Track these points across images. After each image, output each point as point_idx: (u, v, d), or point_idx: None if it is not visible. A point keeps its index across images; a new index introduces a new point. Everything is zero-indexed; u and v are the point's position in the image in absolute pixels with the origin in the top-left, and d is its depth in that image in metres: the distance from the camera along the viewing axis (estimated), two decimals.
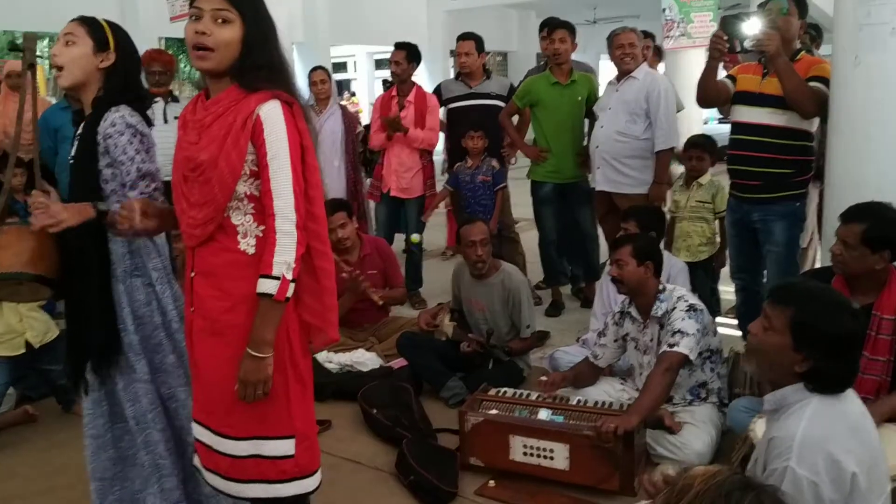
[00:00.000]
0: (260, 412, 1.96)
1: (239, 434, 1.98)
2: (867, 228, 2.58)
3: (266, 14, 1.96)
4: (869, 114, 3.03)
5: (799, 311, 1.83)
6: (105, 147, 2.22)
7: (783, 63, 3.35)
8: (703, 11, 9.79)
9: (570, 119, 4.97)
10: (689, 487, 1.15)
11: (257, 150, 1.87)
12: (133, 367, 2.36)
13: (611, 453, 2.82)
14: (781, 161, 3.53)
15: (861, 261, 2.62)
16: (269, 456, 1.98)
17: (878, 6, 2.91)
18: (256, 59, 1.90)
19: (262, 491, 2.00)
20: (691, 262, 4.31)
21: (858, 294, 2.60)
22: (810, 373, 1.81)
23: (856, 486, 1.74)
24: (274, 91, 1.89)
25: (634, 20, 18.86)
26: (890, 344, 2.58)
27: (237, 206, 1.91)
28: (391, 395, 3.57)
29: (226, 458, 2.00)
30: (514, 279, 3.92)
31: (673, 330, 3.06)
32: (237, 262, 1.92)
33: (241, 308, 1.91)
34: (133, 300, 2.34)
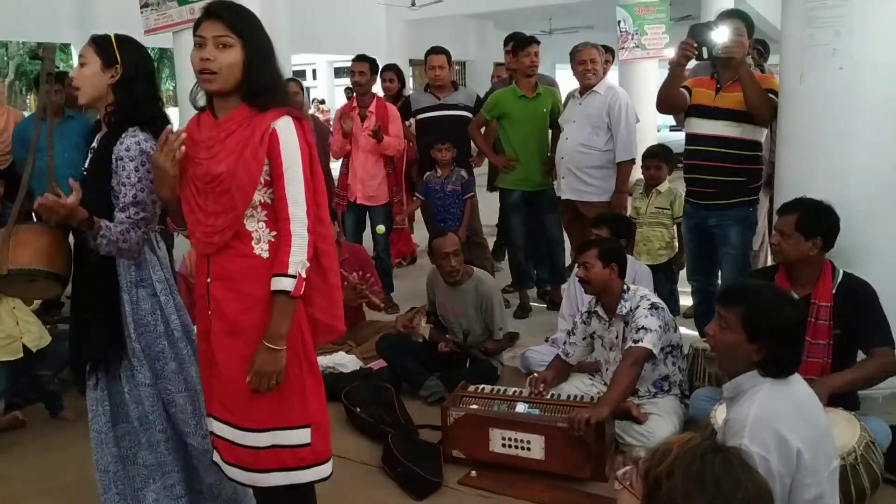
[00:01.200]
0: (278, 404, 2.11)
1: (260, 426, 2.12)
2: (799, 217, 2.88)
3: (264, 36, 2.13)
4: (813, 126, 3.30)
5: (747, 309, 2.08)
6: (116, 167, 2.35)
7: (746, 71, 3.62)
8: (657, 24, 10.15)
9: (537, 130, 5.21)
10: (668, 452, 1.35)
11: (272, 161, 2.05)
12: (135, 374, 2.48)
13: (583, 443, 3.03)
14: (735, 170, 3.80)
15: (797, 247, 2.90)
16: (288, 445, 2.13)
17: (821, 29, 3.19)
18: (258, 78, 2.08)
19: (283, 479, 2.14)
20: (651, 264, 4.57)
21: (798, 286, 2.89)
22: (765, 360, 2.05)
23: (801, 461, 1.97)
24: (286, 109, 2.08)
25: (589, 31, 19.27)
26: (828, 328, 2.87)
27: (251, 214, 2.07)
28: (373, 394, 3.73)
29: (248, 451, 2.14)
30: (486, 285, 4.13)
31: (637, 327, 3.29)
32: (253, 266, 2.08)
33: (258, 309, 2.07)
34: (137, 310, 2.46)
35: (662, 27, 10.09)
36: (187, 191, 2.15)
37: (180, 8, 4.70)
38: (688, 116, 3.96)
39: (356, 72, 5.52)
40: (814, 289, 2.90)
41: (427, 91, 5.74)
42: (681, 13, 14.62)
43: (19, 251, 2.36)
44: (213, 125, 2.12)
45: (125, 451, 2.62)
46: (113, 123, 2.40)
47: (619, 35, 10.11)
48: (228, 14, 2.08)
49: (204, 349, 2.24)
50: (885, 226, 3.20)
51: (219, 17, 2.06)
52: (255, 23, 2.13)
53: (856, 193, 3.14)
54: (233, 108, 2.10)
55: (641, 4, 10.10)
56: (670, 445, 1.37)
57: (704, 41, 3.60)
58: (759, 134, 3.83)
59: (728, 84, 3.75)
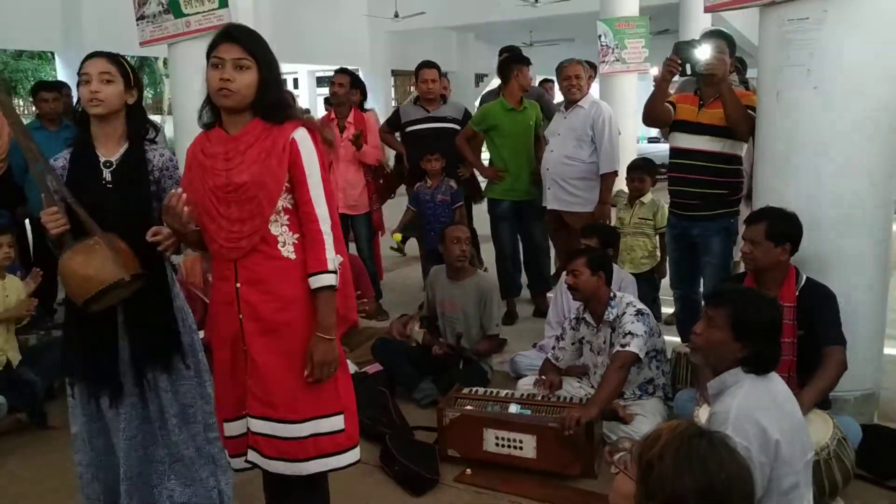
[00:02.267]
0: (317, 394, 2.26)
1: (300, 417, 2.25)
2: (768, 226, 3.08)
3: (274, 57, 2.29)
4: (790, 142, 3.46)
5: (735, 309, 2.27)
6: (158, 177, 2.56)
7: (728, 88, 3.80)
8: (636, 38, 10.36)
9: (524, 141, 5.38)
10: (658, 437, 1.51)
11: (294, 168, 2.21)
12: (179, 368, 2.64)
13: (573, 442, 3.19)
14: (717, 183, 3.98)
15: (768, 254, 3.09)
16: (326, 432, 2.28)
17: (796, 50, 3.36)
18: (271, 96, 2.24)
19: (322, 465, 2.29)
20: (634, 273, 4.75)
21: (764, 290, 3.06)
22: (748, 357, 2.23)
23: (779, 452, 2.14)
24: (301, 121, 2.26)
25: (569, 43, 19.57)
26: (792, 327, 3.05)
27: (275, 219, 2.22)
28: (368, 397, 3.85)
29: (290, 443, 2.26)
30: (487, 281, 4.39)
31: (624, 332, 3.46)
32: (283, 267, 2.23)
33: (291, 307, 2.22)
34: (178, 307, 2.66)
35: (642, 41, 10.31)
36: (206, 201, 2.27)
37: (176, 21, 4.80)
38: (672, 131, 4.13)
39: (336, 83, 5.65)
40: (779, 291, 3.09)
41: (416, 104, 5.89)
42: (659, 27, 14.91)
43: (126, 256, 2.38)
44: (228, 139, 2.25)
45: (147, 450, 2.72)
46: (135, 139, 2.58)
47: (600, 49, 10.32)
48: (246, 38, 2.24)
49: (228, 355, 2.32)
50: (854, 238, 3.36)
51: (237, 40, 2.22)
52: (267, 46, 2.29)
53: (827, 208, 3.31)
54: (245, 123, 2.25)
55: (622, 19, 10.31)
56: (660, 431, 1.53)
57: (688, 58, 3.77)
58: (740, 148, 4.03)
59: (710, 101, 3.93)
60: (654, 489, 1.44)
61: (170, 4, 4.74)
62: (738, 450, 1.57)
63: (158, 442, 2.70)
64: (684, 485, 1.42)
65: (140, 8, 4.92)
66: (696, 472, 1.43)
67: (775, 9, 3.42)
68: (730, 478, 1.44)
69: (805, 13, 3.30)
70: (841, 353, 3.02)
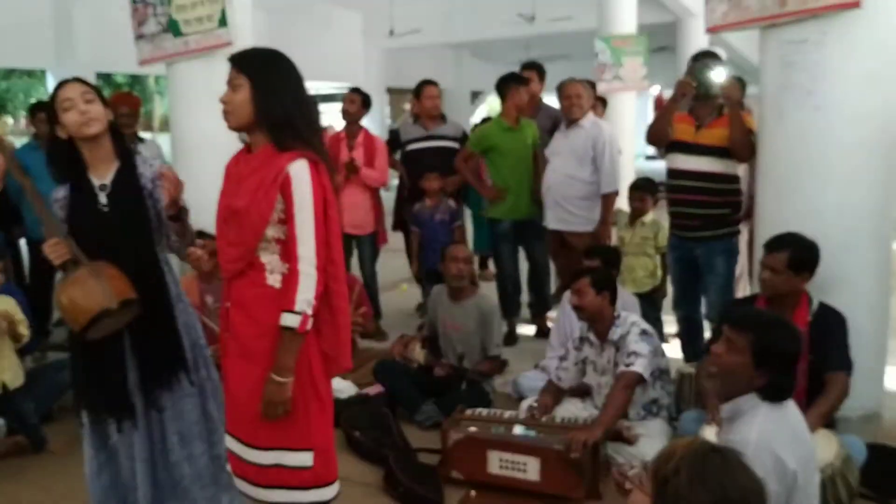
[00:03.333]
0: (282, 427, 2.23)
1: (264, 445, 2.25)
2: (790, 255, 3.07)
3: (278, 72, 2.24)
4: (791, 162, 3.48)
5: (760, 336, 2.23)
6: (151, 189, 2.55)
7: (737, 112, 3.84)
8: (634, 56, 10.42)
9: (523, 160, 5.38)
10: (673, 453, 1.52)
11: (285, 201, 2.17)
12: (183, 385, 2.63)
13: (577, 465, 3.17)
14: (719, 203, 4.01)
15: (788, 283, 3.09)
16: (290, 466, 2.25)
17: (798, 71, 3.39)
18: (267, 113, 2.19)
19: (285, 496, 2.27)
20: (636, 293, 4.74)
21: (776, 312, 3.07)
22: (764, 386, 2.21)
23: (796, 482, 2.13)
24: (304, 151, 2.19)
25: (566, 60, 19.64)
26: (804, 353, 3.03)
27: (265, 247, 2.21)
28: (371, 419, 3.85)
29: (253, 466, 2.28)
30: (488, 302, 4.34)
31: (628, 352, 3.45)
32: (265, 295, 2.21)
33: (269, 335, 2.19)
34: (183, 323, 2.65)
35: (640, 59, 10.37)
36: (218, 219, 2.30)
37: (175, 40, 4.80)
38: (669, 151, 4.15)
39: (347, 100, 5.68)
40: (791, 316, 3.08)
41: (416, 123, 5.91)
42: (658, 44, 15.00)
43: (116, 283, 2.39)
44: (247, 159, 2.27)
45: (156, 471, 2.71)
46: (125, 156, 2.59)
47: (598, 66, 10.38)
48: (239, 59, 2.25)
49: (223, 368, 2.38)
50: (857, 258, 3.37)
51: (232, 62, 2.24)
52: (268, 62, 2.25)
53: (831, 227, 3.32)
54: (261, 145, 2.24)
55: (619, 37, 10.37)
56: (675, 447, 1.54)
57: (703, 80, 3.79)
58: (738, 168, 4.05)
59: (708, 121, 3.95)
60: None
61: (169, 24, 4.74)
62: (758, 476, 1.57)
63: (159, 464, 2.69)
64: (699, 499, 1.43)
65: (139, 27, 4.93)
66: (710, 487, 1.44)
67: (775, 31, 3.45)
68: (745, 491, 1.45)
69: (805, 35, 3.34)
70: (844, 379, 3.03)
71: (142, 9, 4.85)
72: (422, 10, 14.38)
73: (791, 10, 3.33)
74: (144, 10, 4.83)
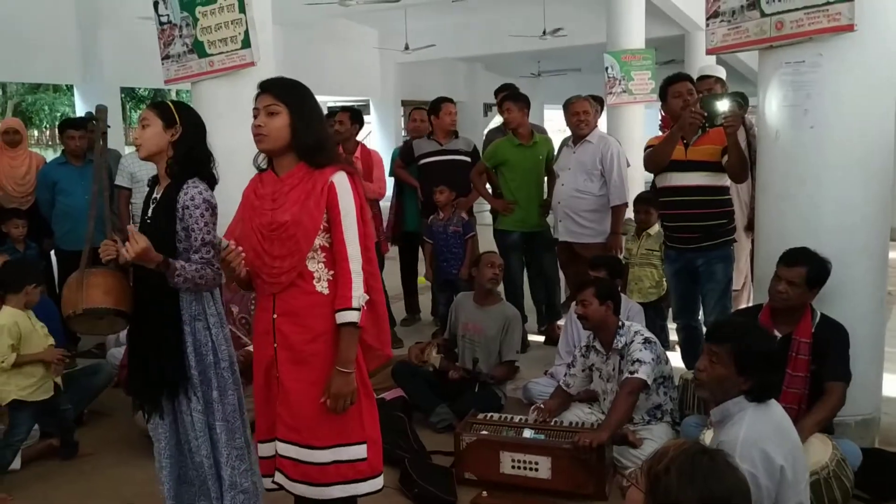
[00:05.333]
0: (339, 424, 2.42)
1: (323, 444, 2.42)
2: (808, 271, 3.22)
3: (310, 102, 2.48)
4: (788, 177, 3.62)
5: (737, 344, 2.39)
6: (182, 215, 2.65)
7: (735, 140, 4.02)
8: (643, 70, 10.57)
9: (534, 175, 5.57)
10: (665, 453, 1.67)
11: (331, 210, 2.39)
12: (190, 401, 2.77)
13: (586, 464, 3.33)
14: (716, 214, 4.19)
15: (803, 297, 3.25)
16: (348, 460, 2.43)
17: (794, 92, 3.53)
18: (304, 138, 2.42)
19: (343, 491, 2.45)
20: (642, 302, 4.90)
21: (781, 325, 3.22)
22: (751, 389, 2.37)
23: (784, 476, 2.28)
24: (341, 165, 2.44)
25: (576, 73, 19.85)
26: (807, 362, 3.20)
27: (312, 256, 2.41)
28: (387, 422, 3.98)
29: (314, 467, 2.43)
30: (512, 310, 4.61)
31: (632, 359, 3.61)
32: (316, 302, 2.41)
33: (321, 339, 2.40)
34: (195, 341, 2.76)
35: (649, 73, 10.52)
36: (252, 239, 2.47)
37: (200, 60, 5.00)
38: (661, 171, 4.31)
39: (337, 121, 5.82)
40: (796, 327, 3.24)
41: (430, 138, 6.10)
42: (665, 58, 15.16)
43: (91, 292, 2.67)
44: (276, 181, 2.47)
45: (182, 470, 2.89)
46: (175, 175, 2.71)
47: (607, 81, 10.53)
48: (276, 87, 2.47)
49: (263, 381, 2.52)
50: (852, 271, 3.49)
51: (268, 89, 2.45)
52: (301, 92, 2.49)
53: (827, 241, 3.42)
54: (291, 166, 2.44)
55: (628, 52, 10.53)
56: (667, 448, 1.70)
57: (711, 111, 3.99)
58: (726, 179, 4.25)
59: (695, 139, 4.17)
60: (660, 500, 1.60)
61: (194, 45, 4.94)
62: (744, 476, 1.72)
63: (187, 464, 2.87)
64: (687, 496, 1.57)
65: (166, 48, 5.14)
66: (698, 485, 1.58)
67: (773, 52, 3.60)
68: (730, 490, 1.60)
69: (801, 56, 3.49)
70: (841, 389, 3.18)
71: (168, 30, 5.07)
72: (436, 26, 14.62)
73: (787, 34, 3.49)
74: (171, 31, 5.04)
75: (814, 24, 3.40)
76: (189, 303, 2.74)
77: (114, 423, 4.44)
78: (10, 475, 3.70)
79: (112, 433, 4.31)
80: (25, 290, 3.80)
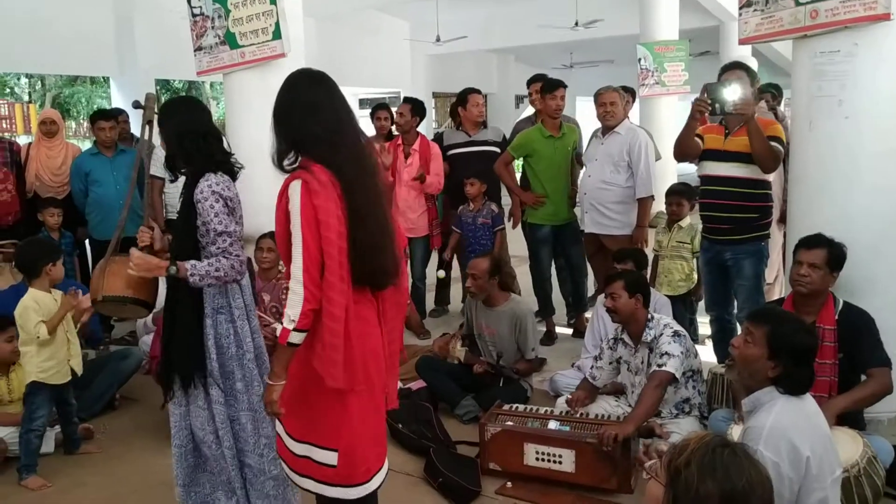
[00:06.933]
0: (311, 424, 2.37)
1: (297, 437, 2.41)
2: (828, 253, 3.20)
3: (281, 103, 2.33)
4: (822, 169, 3.57)
5: (774, 329, 2.39)
6: (199, 210, 2.70)
7: (756, 126, 3.93)
8: (676, 61, 10.48)
9: (563, 167, 5.52)
10: (686, 446, 1.65)
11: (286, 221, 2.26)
12: (210, 392, 2.82)
13: (610, 457, 3.32)
14: (746, 207, 4.11)
15: (824, 280, 3.22)
16: (316, 461, 2.38)
17: (828, 82, 3.48)
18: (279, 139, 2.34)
19: (313, 486, 2.41)
20: (671, 295, 4.86)
21: (804, 314, 3.18)
22: (780, 377, 2.35)
23: (809, 468, 2.25)
24: (300, 172, 2.25)
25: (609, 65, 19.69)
26: (833, 350, 3.16)
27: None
28: (413, 412, 4.03)
29: (289, 453, 2.44)
30: (521, 308, 4.42)
31: (661, 352, 3.58)
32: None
33: None
34: (216, 334, 2.80)
35: (682, 64, 10.43)
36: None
37: (231, 52, 5.04)
38: (701, 160, 4.27)
39: (398, 113, 5.91)
40: (818, 315, 3.21)
41: (459, 129, 6.10)
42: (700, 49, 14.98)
43: (112, 280, 2.75)
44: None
45: (198, 459, 2.94)
46: (191, 174, 2.77)
47: (640, 72, 10.45)
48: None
49: None
50: (886, 261, 3.45)
51: None
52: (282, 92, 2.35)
53: (860, 231, 3.41)
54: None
55: (661, 43, 10.44)
56: (688, 441, 1.68)
57: (717, 99, 3.91)
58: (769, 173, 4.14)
59: (736, 129, 4.07)
60: (680, 493, 1.59)
61: (226, 36, 4.99)
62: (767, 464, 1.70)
63: (204, 454, 2.91)
64: (708, 489, 1.56)
65: (198, 40, 5.19)
66: (718, 478, 1.57)
67: (807, 42, 3.54)
68: (750, 483, 1.58)
69: (836, 46, 3.43)
70: (887, 374, 3.13)
71: (201, 22, 5.12)
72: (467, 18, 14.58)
73: (822, 23, 3.43)
74: (203, 23, 5.09)
75: (849, 13, 3.35)
76: (213, 296, 2.78)
77: (145, 409, 4.51)
78: (43, 461, 3.77)
79: (143, 419, 4.39)
80: (44, 272, 3.81)
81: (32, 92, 21.13)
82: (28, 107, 16.75)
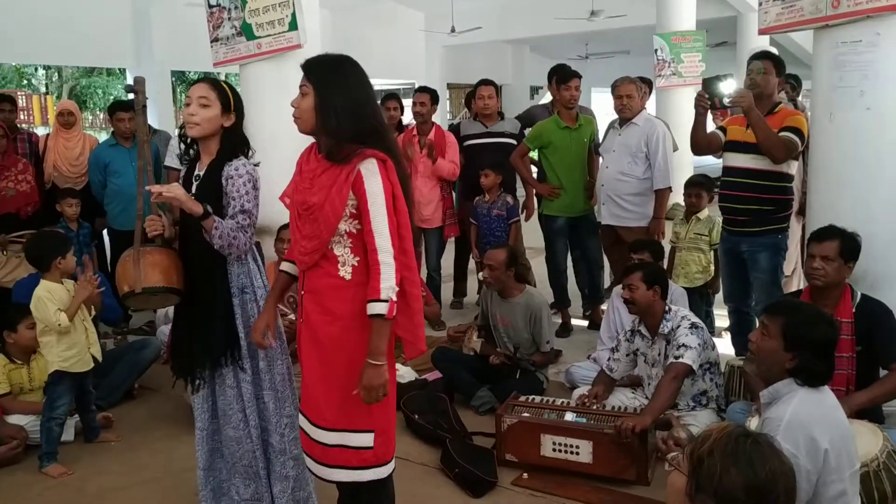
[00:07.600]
0: (346, 409, 2.36)
1: (329, 426, 2.39)
2: (841, 244, 3.17)
3: (333, 82, 2.32)
4: (841, 161, 3.55)
5: (789, 320, 2.38)
6: (226, 186, 2.70)
7: (756, 116, 3.91)
8: (693, 52, 10.39)
9: (579, 159, 5.51)
10: (708, 436, 1.65)
11: (358, 198, 2.30)
12: (239, 371, 2.82)
13: (628, 448, 3.31)
14: (764, 199, 4.09)
15: (839, 272, 3.19)
16: (352, 446, 2.38)
17: (849, 72, 3.45)
18: (329, 120, 2.31)
19: (346, 476, 2.41)
20: (688, 287, 4.84)
21: (821, 305, 3.14)
22: (797, 369, 2.33)
23: (827, 461, 2.24)
24: (372, 150, 2.31)
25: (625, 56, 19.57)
26: (850, 343, 3.14)
27: (338, 241, 2.34)
28: (429, 403, 4.04)
29: (318, 446, 2.42)
30: (536, 300, 4.39)
31: (678, 344, 3.57)
32: (337, 285, 2.36)
33: (338, 324, 2.35)
34: (244, 312, 2.82)
35: (699, 55, 10.34)
36: (292, 213, 2.46)
37: (248, 43, 5.06)
38: (724, 151, 4.26)
39: (417, 102, 5.91)
40: (835, 308, 3.18)
41: (475, 120, 6.09)
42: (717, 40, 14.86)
43: (149, 271, 2.70)
44: (317, 158, 2.39)
45: (216, 444, 2.96)
46: (222, 154, 2.76)
47: (657, 63, 10.38)
48: (307, 65, 2.38)
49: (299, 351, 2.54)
50: None
51: (303, 69, 2.38)
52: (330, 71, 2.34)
53: (880, 224, 3.38)
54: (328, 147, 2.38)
55: (678, 34, 10.36)
56: (710, 431, 1.68)
57: (715, 93, 3.90)
58: (788, 166, 4.11)
59: None
60: (703, 483, 1.59)
61: (242, 27, 5.00)
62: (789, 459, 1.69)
63: (221, 439, 2.93)
64: (731, 479, 1.56)
65: (215, 31, 5.20)
66: (741, 467, 1.57)
67: (828, 32, 3.51)
68: (773, 472, 1.57)
69: (858, 36, 3.40)
70: None
71: (217, 13, 5.13)
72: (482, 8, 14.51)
73: (844, 12, 3.40)
74: (220, 14, 5.11)
75: (872, 2, 3.32)
76: (237, 275, 2.80)
77: (164, 398, 4.54)
78: (64, 448, 3.81)
79: (162, 408, 4.43)
80: (54, 265, 3.81)
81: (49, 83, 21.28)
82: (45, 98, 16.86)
